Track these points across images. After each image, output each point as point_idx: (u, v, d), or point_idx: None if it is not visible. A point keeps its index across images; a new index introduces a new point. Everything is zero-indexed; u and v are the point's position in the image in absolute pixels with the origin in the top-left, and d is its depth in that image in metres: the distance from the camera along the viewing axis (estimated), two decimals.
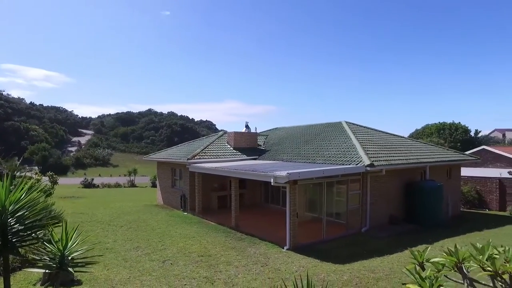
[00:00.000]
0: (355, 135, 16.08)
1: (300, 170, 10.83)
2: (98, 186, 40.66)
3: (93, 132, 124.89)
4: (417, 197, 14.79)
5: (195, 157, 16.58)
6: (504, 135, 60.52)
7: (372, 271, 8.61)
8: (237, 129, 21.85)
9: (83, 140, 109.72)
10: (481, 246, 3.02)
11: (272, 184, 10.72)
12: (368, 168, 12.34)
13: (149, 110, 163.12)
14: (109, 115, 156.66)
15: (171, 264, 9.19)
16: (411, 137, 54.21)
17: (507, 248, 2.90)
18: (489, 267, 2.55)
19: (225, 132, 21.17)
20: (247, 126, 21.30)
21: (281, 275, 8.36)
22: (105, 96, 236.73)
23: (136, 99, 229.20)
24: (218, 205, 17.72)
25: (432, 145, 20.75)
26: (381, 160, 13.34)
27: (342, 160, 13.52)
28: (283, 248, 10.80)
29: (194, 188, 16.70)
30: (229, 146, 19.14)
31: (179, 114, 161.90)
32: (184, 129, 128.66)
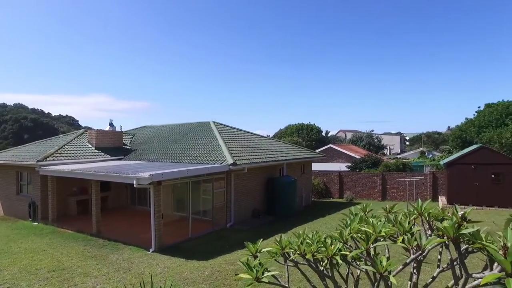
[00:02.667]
0: (221, 135, 16.92)
1: (164, 171, 10.83)
2: None
3: None
4: (276, 191, 16.57)
5: (48, 159, 14.65)
6: (346, 134, 72.80)
7: (232, 263, 9.31)
8: (105, 126, 20.14)
9: None
10: (300, 233, 3.74)
11: (135, 186, 10.41)
12: (232, 167, 13.21)
13: None
14: None
15: None
16: (276, 135, 59.84)
17: (315, 233, 3.68)
18: (298, 250, 3.21)
19: (86, 130, 19.29)
20: (111, 124, 19.93)
21: (144, 279, 8.24)
22: None
23: None
24: (78, 211, 16.07)
25: (289, 144, 23.47)
26: (244, 159, 14.44)
27: (207, 160, 14.07)
28: (149, 251, 10.62)
29: (47, 194, 14.73)
30: (90, 146, 17.53)
31: (30, 107, 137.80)
32: (37, 125, 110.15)
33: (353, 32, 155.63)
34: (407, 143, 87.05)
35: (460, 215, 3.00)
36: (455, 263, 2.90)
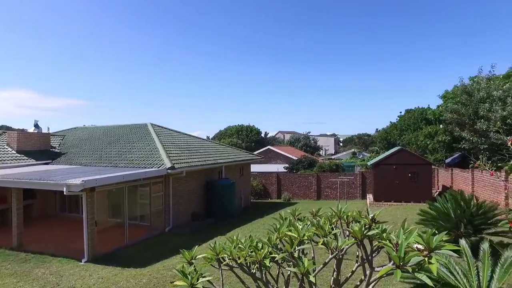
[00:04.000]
0: (159, 137, 16.59)
1: (98, 177, 10.37)
2: None
3: None
4: (215, 194, 16.72)
5: None
6: (284, 136, 75.42)
7: (170, 269, 9.23)
8: (30, 126, 18.45)
9: None
10: (234, 238, 3.98)
11: (65, 193, 9.81)
12: (170, 171, 13.07)
13: None
14: None
15: None
16: (216, 137, 59.85)
17: (248, 238, 3.94)
18: (230, 255, 3.44)
19: (5, 132, 17.54)
20: (36, 125, 18.36)
21: None
22: None
23: None
24: None
25: (228, 147, 23.76)
26: (182, 162, 14.36)
27: (145, 163, 13.73)
28: (81, 261, 10.08)
29: None
30: (10, 149, 15.97)
31: None
32: None
33: (289, 32, 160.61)
34: (341, 144, 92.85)
35: (370, 218, 3.49)
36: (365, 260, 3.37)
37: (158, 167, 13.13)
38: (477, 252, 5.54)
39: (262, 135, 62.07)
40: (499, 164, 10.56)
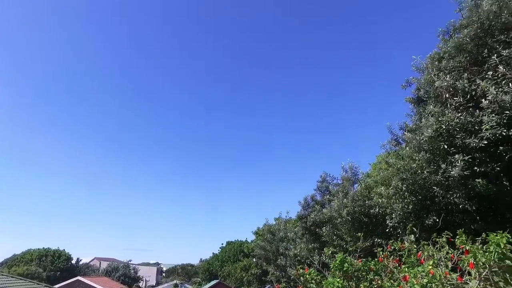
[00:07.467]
0: None
1: None
2: None
3: None
4: None
5: None
6: (100, 263, 66.09)
7: None
8: None
9: None
10: None
11: None
12: None
13: None
14: None
15: None
16: (6, 263, 47.68)
17: None
18: None
19: None
20: None
21: None
22: None
23: None
24: None
25: (20, 278, 19.18)
26: None
27: None
28: None
29: None
30: None
31: None
32: None
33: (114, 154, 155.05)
34: (164, 274, 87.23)
35: None
36: None
37: None
38: None
39: (73, 261, 52.85)
40: None
